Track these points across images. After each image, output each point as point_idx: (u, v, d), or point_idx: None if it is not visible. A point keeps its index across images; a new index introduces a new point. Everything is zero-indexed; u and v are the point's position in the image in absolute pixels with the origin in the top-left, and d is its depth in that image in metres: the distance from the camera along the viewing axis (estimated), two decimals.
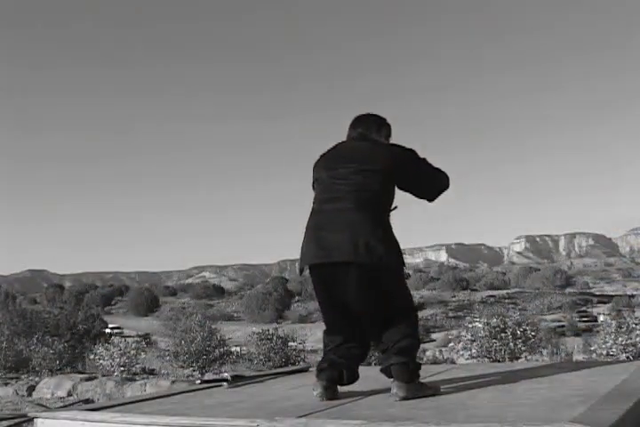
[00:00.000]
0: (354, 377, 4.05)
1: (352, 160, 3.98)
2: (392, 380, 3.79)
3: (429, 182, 4.18)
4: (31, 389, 14.49)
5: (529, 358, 18.63)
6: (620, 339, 16.62)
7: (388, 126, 4.31)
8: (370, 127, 4.21)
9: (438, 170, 4.17)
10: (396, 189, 4.06)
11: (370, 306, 3.86)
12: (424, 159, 4.10)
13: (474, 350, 18.20)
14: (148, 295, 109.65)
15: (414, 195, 4.18)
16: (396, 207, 4.04)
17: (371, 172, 3.91)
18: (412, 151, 4.08)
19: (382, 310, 3.85)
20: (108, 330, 57.70)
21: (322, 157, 4.23)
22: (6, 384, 15.39)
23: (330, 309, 4.06)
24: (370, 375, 4.39)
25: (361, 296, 3.83)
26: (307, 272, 4.10)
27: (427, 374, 4.28)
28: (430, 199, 4.25)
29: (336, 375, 3.94)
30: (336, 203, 3.92)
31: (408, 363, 3.80)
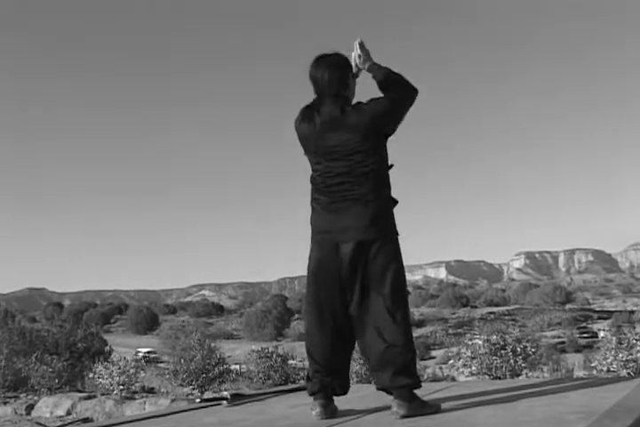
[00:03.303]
0: (347, 387, 4.04)
1: (341, 135, 3.91)
2: (392, 398, 3.77)
3: (404, 115, 4.09)
4: (30, 408, 14.40)
5: (529, 374, 18.58)
6: (620, 355, 16.57)
7: (350, 67, 4.14)
8: (339, 82, 4.05)
9: (406, 92, 4.08)
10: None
11: (365, 280, 3.82)
12: (395, 99, 4.00)
13: (474, 368, 18.13)
14: (148, 314, 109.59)
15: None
16: (392, 166, 4.03)
17: (365, 150, 3.89)
18: (388, 102, 3.99)
19: (377, 291, 3.81)
20: (140, 354, 57.50)
21: (304, 120, 4.10)
22: (5, 403, 15.30)
23: (319, 293, 3.98)
24: (369, 393, 4.36)
25: (358, 268, 3.82)
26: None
27: (427, 391, 4.26)
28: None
29: (330, 392, 3.93)
30: (339, 186, 3.91)
31: (410, 384, 3.78)
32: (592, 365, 18.39)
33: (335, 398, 3.98)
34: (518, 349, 18.05)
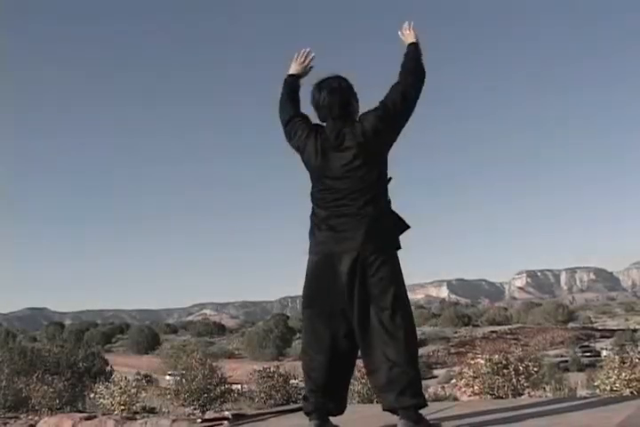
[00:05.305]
0: (343, 407, 4.04)
1: (341, 156, 3.98)
2: (398, 418, 3.74)
3: (403, 120, 4.13)
4: None
5: (532, 394, 18.48)
6: (623, 374, 16.45)
7: (352, 88, 4.21)
8: (341, 105, 4.10)
9: (411, 89, 4.13)
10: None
11: (364, 296, 3.82)
12: (384, 116, 4.04)
13: (476, 387, 18.01)
14: (149, 333, 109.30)
15: None
16: (390, 179, 4.09)
17: (365, 167, 3.95)
18: (377, 119, 4.03)
19: (378, 308, 3.82)
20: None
21: (309, 138, 4.13)
22: (5, 424, 15.19)
23: (315, 311, 4.00)
24: (370, 414, 4.34)
25: (356, 283, 3.82)
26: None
27: (429, 411, 4.24)
28: None
29: (325, 412, 3.92)
30: (337, 201, 3.96)
31: (416, 404, 3.77)
32: (595, 384, 18.25)
33: (335, 418, 3.96)
34: (521, 368, 17.95)
